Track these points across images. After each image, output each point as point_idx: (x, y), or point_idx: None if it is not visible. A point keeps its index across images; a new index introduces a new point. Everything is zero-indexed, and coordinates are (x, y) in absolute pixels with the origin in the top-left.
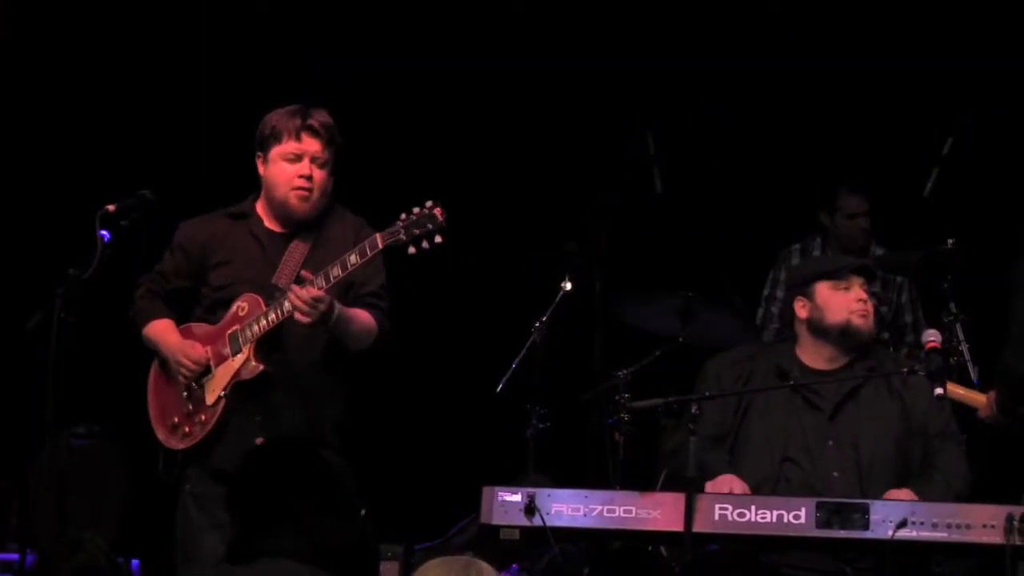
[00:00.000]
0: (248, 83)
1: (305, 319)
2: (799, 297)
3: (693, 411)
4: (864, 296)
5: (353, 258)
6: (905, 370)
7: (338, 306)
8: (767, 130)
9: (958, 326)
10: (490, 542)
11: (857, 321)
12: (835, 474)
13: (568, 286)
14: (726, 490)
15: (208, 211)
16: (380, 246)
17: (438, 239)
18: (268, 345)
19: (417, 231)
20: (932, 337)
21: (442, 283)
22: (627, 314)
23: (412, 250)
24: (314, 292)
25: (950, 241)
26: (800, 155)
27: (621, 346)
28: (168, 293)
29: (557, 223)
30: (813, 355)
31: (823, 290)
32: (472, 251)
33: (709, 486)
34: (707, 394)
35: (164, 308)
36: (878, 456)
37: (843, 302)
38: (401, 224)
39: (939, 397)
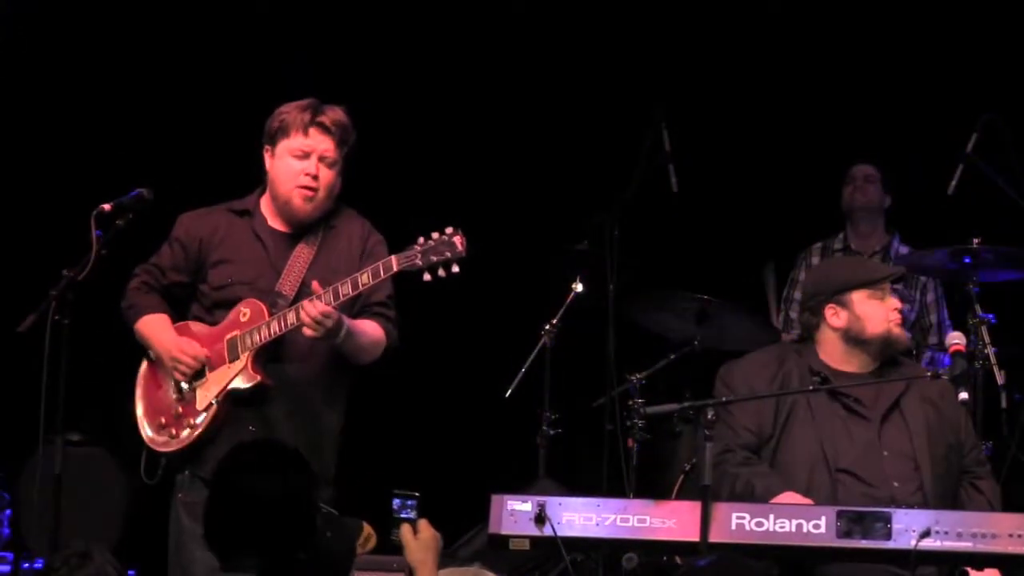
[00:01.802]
0: (250, 82)
1: (312, 334)
2: (831, 305)
3: (709, 417)
4: (900, 305)
5: (365, 278)
6: (928, 374)
7: (347, 321)
8: (787, 127)
9: (983, 328)
10: (499, 553)
11: (896, 331)
12: (895, 484)
13: (580, 287)
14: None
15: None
16: (395, 269)
17: (455, 268)
18: (267, 355)
19: (435, 258)
20: (956, 340)
21: (450, 284)
22: (641, 316)
23: (427, 277)
24: (323, 308)
25: (975, 240)
26: (821, 152)
27: (635, 349)
28: (164, 288)
29: (569, 223)
30: (841, 361)
31: (861, 299)
32: (481, 251)
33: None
34: (724, 399)
35: (159, 302)
36: (936, 465)
37: (882, 312)
38: (418, 249)
39: (963, 402)
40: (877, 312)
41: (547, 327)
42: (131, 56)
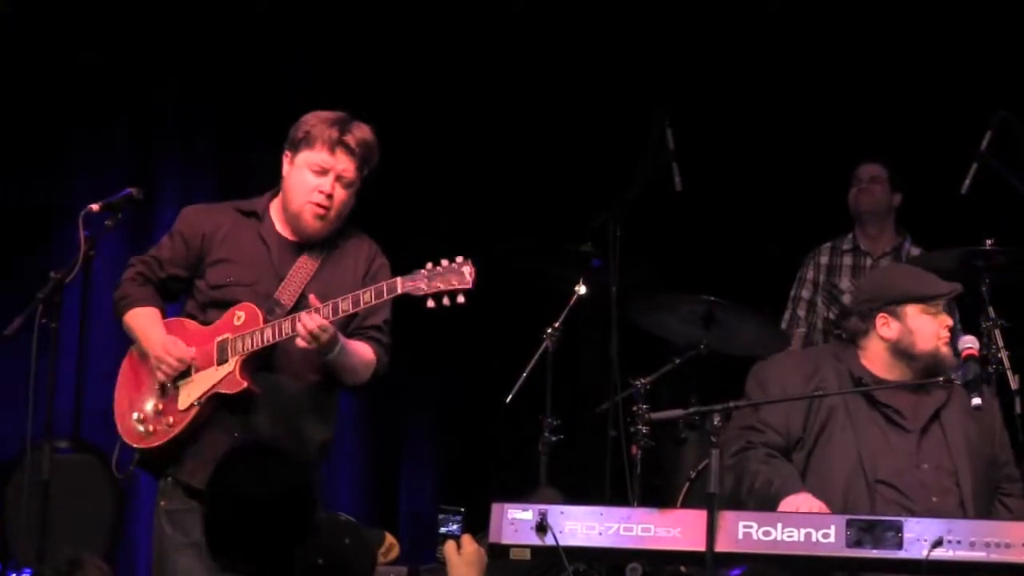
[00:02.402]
0: (248, 82)
1: (306, 345)
2: (883, 314)
3: (715, 422)
4: (951, 323)
5: (367, 296)
6: (940, 379)
7: (341, 338)
8: (795, 124)
9: (997, 332)
10: (499, 563)
11: (945, 350)
12: (934, 499)
13: (583, 290)
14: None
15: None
16: (399, 291)
17: (460, 299)
18: (257, 362)
19: (441, 286)
20: (969, 344)
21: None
22: (645, 319)
23: (431, 304)
24: (321, 322)
25: (988, 241)
26: (830, 149)
27: (639, 353)
28: (160, 281)
29: (571, 223)
30: (884, 370)
31: (914, 313)
32: (481, 252)
33: (784, 505)
34: (731, 404)
35: (153, 296)
36: (978, 480)
37: (933, 329)
38: (425, 274)
39: (976, 408)
40: (929, 328)
41: (549, 331)
42: (126, 54)
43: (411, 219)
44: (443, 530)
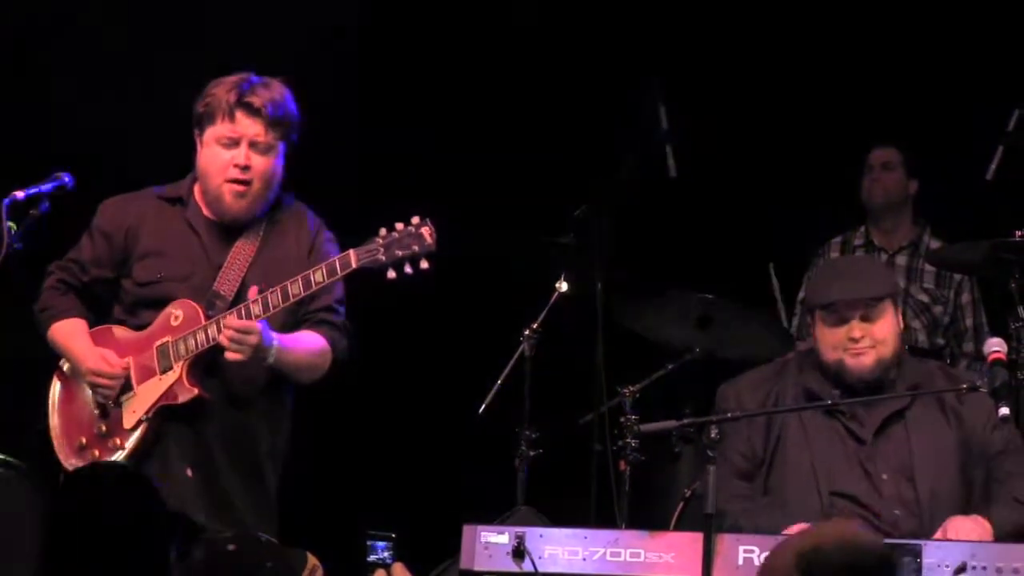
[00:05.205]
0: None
1: (235, 356)
2: (809, 321)
3: (713, 435)
4: (858, 334)
5: (319, 276)
6: (964, 387)
7: (275, 336)
8: (803, 102)
9: None
10: None
11: (851, 362)
12: (896, 512)
13: (564, 287)
14: None
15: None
16: (353, 266)
17: (424, 264)
18: (204, 365)
19: (400, 253)
20: (996, 347)
21: (416, 282)
22: (634, 320)
23: (392, 275)
24: (246, 323)
25: (1018, 233)
26: (842, 131)
27: (627, 358)
28: (85, 286)
29: (552, 212)
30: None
31: (819, 321)
32: (452, 244)
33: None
34: (729, 415)
35: (77, 305)
36: (942, 489)
37: (835, 339)
38: (381, 242)
39: (1004, 419)
40: (829, 339)
41: (527, 332)
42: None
43: (372, 207)
44: (372, 558)
